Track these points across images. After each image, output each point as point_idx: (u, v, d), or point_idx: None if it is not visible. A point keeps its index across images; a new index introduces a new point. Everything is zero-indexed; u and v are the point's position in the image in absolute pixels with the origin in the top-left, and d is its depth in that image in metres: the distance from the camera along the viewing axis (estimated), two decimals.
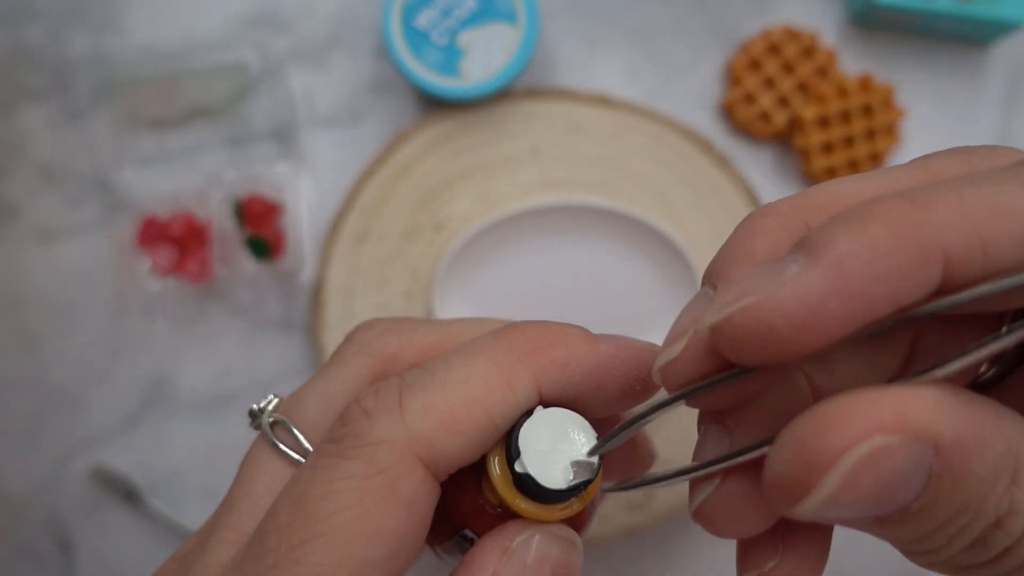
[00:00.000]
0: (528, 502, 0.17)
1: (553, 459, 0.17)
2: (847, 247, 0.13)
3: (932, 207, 0.13)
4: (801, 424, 0.13)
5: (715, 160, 0.51)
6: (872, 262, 0.13)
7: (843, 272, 0.13)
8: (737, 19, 0.54)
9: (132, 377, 0.55)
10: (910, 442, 0.13)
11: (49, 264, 0.55)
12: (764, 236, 0.16)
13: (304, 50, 0.55)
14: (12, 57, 0.55)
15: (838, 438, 0.13)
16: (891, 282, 0.13)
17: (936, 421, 0.13)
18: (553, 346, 0.18)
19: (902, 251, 0.13)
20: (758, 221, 0.16)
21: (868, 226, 0.13)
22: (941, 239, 0.13)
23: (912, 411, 0.13)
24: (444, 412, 0.17)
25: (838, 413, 0.13)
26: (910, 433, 0.13)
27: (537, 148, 0.52)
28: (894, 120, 0.51)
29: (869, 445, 0.13)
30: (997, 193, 0.13)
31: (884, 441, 0.13)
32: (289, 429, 0.19)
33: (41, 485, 0.55)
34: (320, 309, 0.52)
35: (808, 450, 0.13)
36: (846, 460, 0.13)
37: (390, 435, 0.16)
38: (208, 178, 0.54)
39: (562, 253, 0.52)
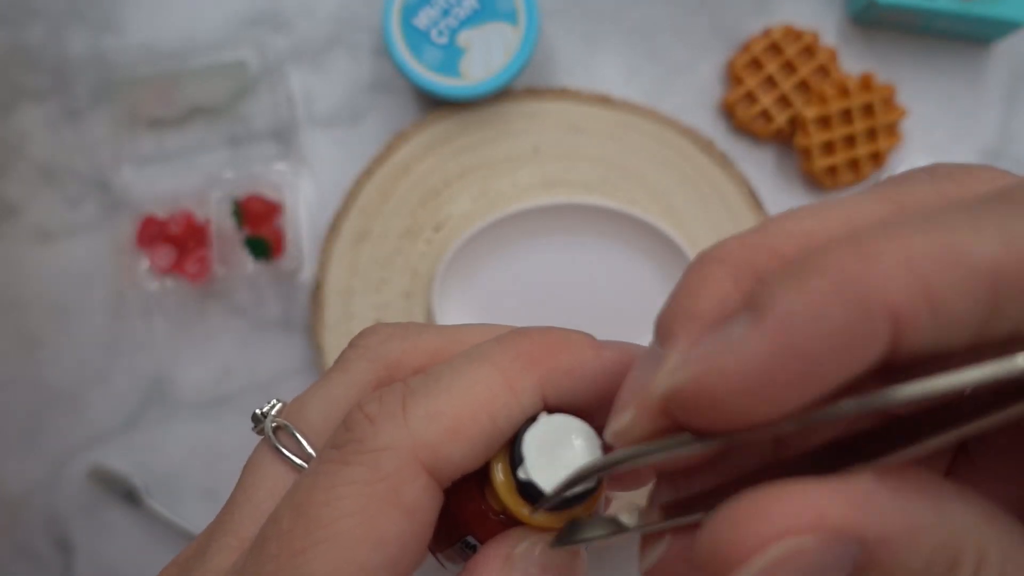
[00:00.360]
0: (532, 509, 0.17)
1: (557, 466, 0.17)
2: (788, 305, 0.12)
3: (877, 256, 0.12)
4: (722, 515, 0.13)
5: (716, 159, 0.51)
6: (813, 321, 0.12)
7: (785, 333, 0.12)
8: (738, 18, 0.54)
9: (131, 377, 0.55)
10: (827, 541, 0.13)
11: (48, 264, 0.55)
12: (710, 289, 0.15)
13: (304, 50, 0.55)
14: (11, 57, 0.55)
15: (753, 535, 0.13)
16: (836, 343, 0.12)
17: (860, 518, 0.13)
18: (558, 353, 0.18)
19: (843, 307, 0.12)
20: (706, 271, 0.15)
21: (810, 280, 0.12)
22: (884, 293, 0.12)
23: (834, 508, 0.13)
24: (448, 418, 0.16)
25: (757, 508, 0.13)
26: (828, 532, 0.13)
27: (537, 148, 0.52)
28: (896, 119, 0.51)
29: (781, 547, 0.12)
30: (949, 237, 0.12)
31: (798, 543, 0.12)
32: (292, 434, 0.19)
33: (40, 485, 0.55)
34: (319, 309, 0.52)
35: (725, 544, 0.13)
36: (758, 560, 0.13)
37: (394, 441, 0.16)
38: (207, 178, 0.54)
39: (562, 253, 0.52)
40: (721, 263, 0.15)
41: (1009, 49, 0.54)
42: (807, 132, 0.51)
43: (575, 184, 0.52)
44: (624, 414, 0.15)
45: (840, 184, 0.52)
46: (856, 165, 0.52)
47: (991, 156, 0.54)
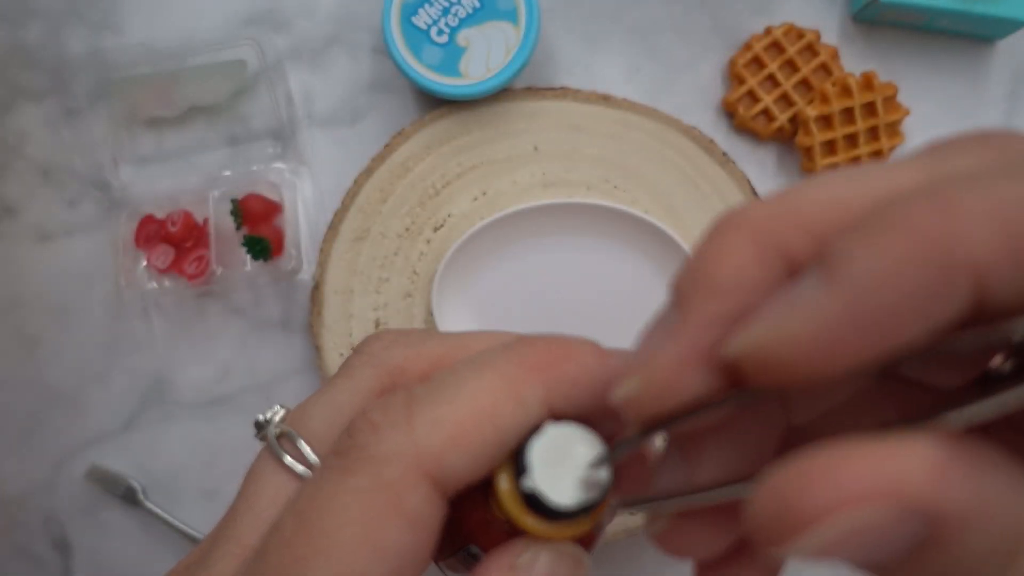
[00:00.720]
0: (536, 519, 0.17)
1: (562, 476, 0.17)
2: (864, 264, 0.12)
3: (958, 209, 0.11)
4: (784, 476, 0.12)
5: (717, 159, 0.51)
6: (892, 281, 0.11)
7: (862, 295, 0.12)
8: (738, 17, 0.54)
9: (130, 377, 0.55)
10: (903, 513, 0.12)
11: (47, 264, 0.55)
12: (730, 258, 0.14)
13: (303, 49, 0.55)
14: (10, 56, 0.55)
15: (822, 499, 0.12)
16: (916, 303, 0.11)
17: (937, 491, 0.12)
18: (563, 361, 0.17)
19: (924, 266, 0.11)
20: (726, 237, 0.14)
21: (885, 236, 0.12)
22: (968, 249, 0.11)
23: (909, 476, 0.12)
24: (453, 427, 0.16)
25: (825, 468, 0.12)
26: (904, 504, 0.11)
27: (537, 147, 0.52)
28: (898, 118, 0.51)
29: (854, 517, 0.12)
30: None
31: (873, 514, 0.12)
32: (295, 442, 0.19)
33: (38, 486, 0.55)
34: (319, 309, 0.52)
35: (789, 507, 0.12)
36: (825, 529, 0.12)
37: (397, 449, 0.16)
38: (206, 177, 0.54)
39: (562, 253, 0.51)
40: (741, 230, 0.14)
41: (1012, 48, 0.53)
42: (809, 131, 0.51)
43: (575, 184, 0.52)
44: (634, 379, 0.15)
45: None
46: (858, 164, 0.52)
47: None
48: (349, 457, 0.16)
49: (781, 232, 0.14)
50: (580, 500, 0.17)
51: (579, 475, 0.17)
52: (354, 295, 0.52)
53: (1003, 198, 0.11)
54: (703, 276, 0.14)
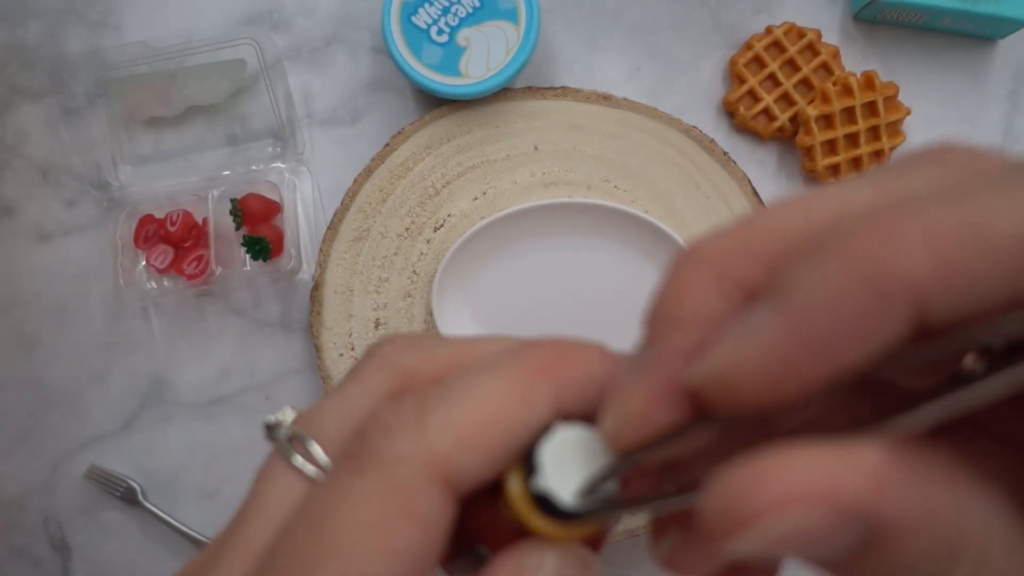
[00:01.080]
0: (545, 520, 0.17)
1: (571, 477, 0.17)
2: (806, 290, 0.12)
3: (894, 234, 0.12)
4: (733, 476, 0.13)
5: (717, 158, 0.51)
6: (832, 306, 0.12)
7: (805, 320, 0.12)
8: (739, 16, 0.53)
9: (129, 377, 0.54)
10: (840, 516, 0.12)
11: (45, 264, 0.55)
12: (691, 296, 0.15)
13: (302, 48, 0.54)
14: (9, 55, 0.55)
15: (766, 498, 0.12)
16: (856, 325, 0.12)
17: (875, 497, 0.12)
18: (571, 363, 0.18)
19: (862, 291, 0.12)
20: (687, 274, 0.15)
21: (826, 264, 0.12)
22: (904, 273, 0.12)
23: (847, 481, 0.12)
24: (464, 429, 0.16)
25: (771, 470, 0.12)
26: (841, 507, 0.12)
27: (537, 147, 0.52)
28: (899, 118, 0.51)
29: (791, 518, 0.12)
30: (970, 211, 0.12)
31: (810, 516, 0.12)
32: (306, 444, 0.19)
33: (38, 486, 0.55)
34: (318, 309, 0.52)
35: (735, 505, 0.13)
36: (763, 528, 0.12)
37: (409, 452, 0.16)
38: (206, 177, 0.54)
39: (562, 252, 0.51)
40: (699, 264, 0.15)
41: (1013, 47, 0.53)
42: (809, 130, 0.51)
43: (575, 183, 0.52)
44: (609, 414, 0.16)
45: None
46: (859, 164, 0.52)
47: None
48: (360, 459, 0.16)
49: (737, 264, 0.14)
50: (589, 503, 0.17)
51: (588, 476, 0.17)
52: (354, 295, 0.52)
53: (937, 221, 0.12)
54: (665, 312, 0.15)
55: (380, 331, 0.52)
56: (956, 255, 0.12)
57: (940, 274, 0.12)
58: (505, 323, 0.51)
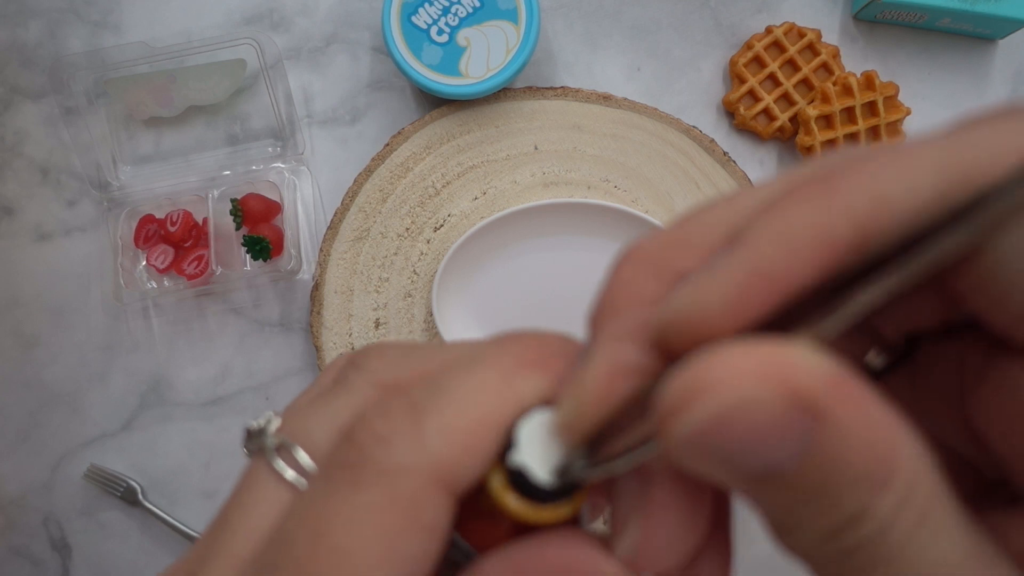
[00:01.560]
0: (519, 502, 0.17)
1: (547, 458, 0.17)
2: (761, 234, 0.14)
3: (839, 185, 0.14)
4: (684, 364, 0.14)
5: (717, 158, 0.51)
6: (789, 238, 0.14)
7: (761, 253, 0.14)
8: (739, 16, 0.53)
9: (129, 377, 0.54)
10: (786, 400, 0.13)
11: (45, 264, 0.55)
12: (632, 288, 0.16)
13: (302, 48, 0.54)
14: (9, 55, 0.55)
15: (719, 372, 0.13)
16: (807, 255, 0.14)
17: (825, 392, 0.13)
18: (556, 354, 0.18)
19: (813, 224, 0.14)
20: (626, 272, 0.17)
21: (781, 212, 0.14)
22: (850, 211, 0.14)
23: (801, 372, 0.13)
24: (463, 433, 0.16)
25: (724, 353, 0.13)
26: (791, 395, 0.13)
27: (537, 146, 0.52)
28: (899, 118, 0.51)
29: (737, 393, 0.13)
30: (904, 158, 0.14)
31: (758, 392, 0.13)
32: (294, 454, 0.19)
33: (37, 486, 0.55)
34: (319, 309, 0.52)
35: (681, 387, 0.13)
36: (709, 401, 0.13)
37: (410, 461, 0.16)
38: (206, 177, 0.54)
39: (563, 252, 0.51)
40: (637, 261, 0.16)
41: (1013, 46, 0.53)
42: (810, 130, 0.51)
43: (576, 183, 0.52)
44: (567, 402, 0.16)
45: None
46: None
47: None
48: (358, 470, 0.16)
49: (674, 256, 0.16)
50: (564, 477, 0.17)
51: (564, 456, 0.17)
52: (354, 295, 0.52)
53: (876, 173, 0.14)
54: (606, 302, 0.17)
55: (380, 331, 0.52)
56: (888, 189, 0.14)
57: (878, 206, 0.14)
58: (505, 323, 0.51)
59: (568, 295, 0.51)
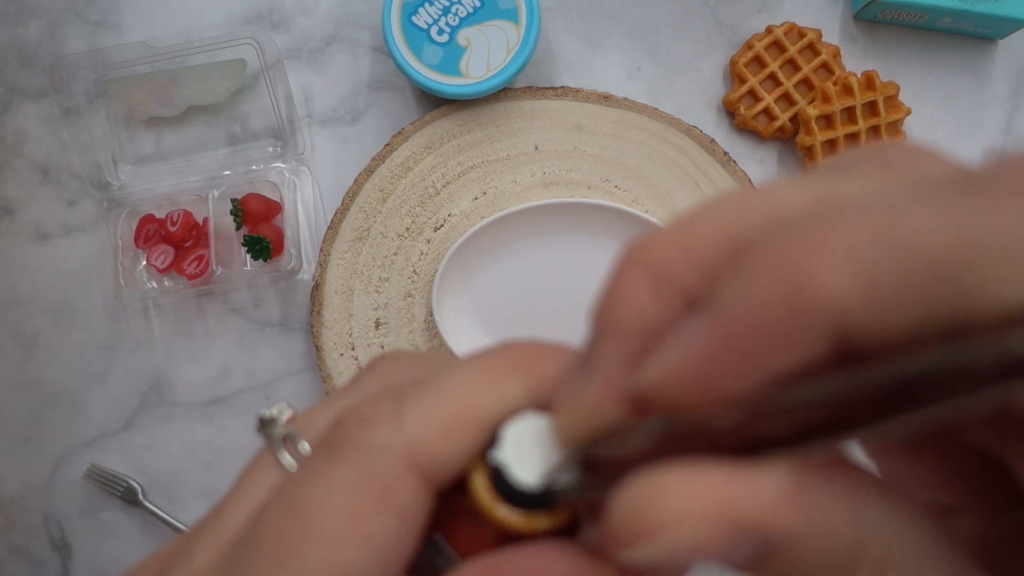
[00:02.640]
0: (506, 508, 0.17)
1: (533, 462, 0.17)
2: (730, 302, 0.13)
3: (816, 246, 0.12)
4: (633, 489, 0.14)
5: (718, 158, 0.51)
6: (755, 319, 0.12)
7: (728, 330, 0.13)
8: (740, 16, 0.53)
9: (129, 377, 0.54)
10: (731, 532, 0.13)
11: (45, 263, 0.55)
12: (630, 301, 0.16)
13: (303, 48, 0.54)
14: (9, 55, 0.55)
15: (660, 515, 0.13)
16: (775, 337, 0.12)
17: (768, 514, 0.13)
18: (543, 360, 0.18)
19: (783, 305, 0.12)
20: (627, 278, 0.16)
21: (749, 275, 0.13)
22: (824, 288, 0.12)
23: (743, 502, 0.13)
24: (440, 420, 0.17)
25: (669, 487, 0.13)
26: (734, 524, 0.13)
27: (538, 146, 0.52)
28: (900, 118, 0.51)
29: (683, 532, 0.13)
30: (893, 221, 0.11)
31: (701, 530, 0.13)
32: (298, 444, 0.19)
33: (38, 486, 0.55)
34: (319, 309, 0.52)
35: (633, 517, 0.14)
36: (658, 542, 0.13)
37: (387, 441, 0.16)
38: (206, 177, 0.54)
39: (563, 252, 0.51)
40: (640, 269, 0.16)
41: (1013, 46, 0.53)
42: (810, 130, 0.51)
43: (576, 183, 0.52)
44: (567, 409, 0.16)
45: None
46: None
47: (995, 154, 0.53)
48: (337, 448, 0.17)
49: (675, 270, 0.15)
50: (547, 483, 0.17)
51: (551, 461, 0.17)
52: (354, 295, 0.52)
53: (864, 235, 0.11)
54: (609, 316, 0.16)
55: (380, 331, 0.52)
56: (877, 271, 0.11)
57: (863, 294, 0.11)
58: (505, 322, 0.51)
59: (568, 295, 0.51)
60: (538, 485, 0.17)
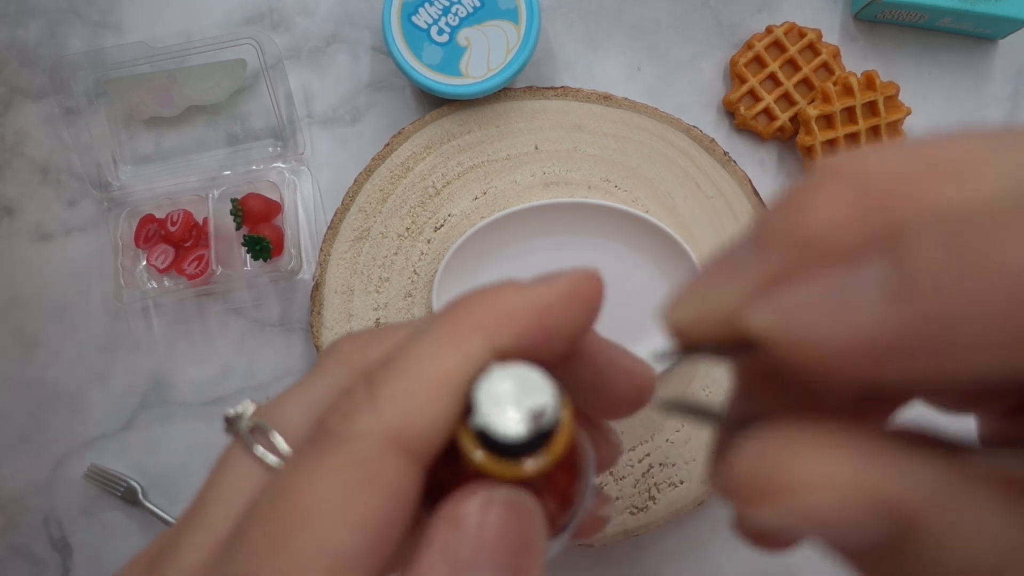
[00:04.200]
0: (496, 461, 0.17)
1: (512, 411, 0.17)
2: (945, 286, 0.10)
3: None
4: (763, 445, 0.13)
5: (718, 158, 0.51)
6: (976, 315, 0.10)
7: (938, 319, 0.10)
8: (739, 16, 0.53)
9: (129, 377, 0.54)
10: (874, 512, 0.12)
11: (45, 263, 0.55)
12: (825, 213, 0.13)
13: (303, 48, 0.54)
14: (9, 55, 0.55)
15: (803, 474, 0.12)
16: (997, 338, 0.10)
17: (926, 503, 0.12)
18: (494, 309, 0.18)
19: (1015, 307, 0.10)
20: (827, 187, 0.13)
21: (973, 261, 0.10)
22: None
23: (897, 484, 0.12)
24: (412, 395, 0.17)
25: (804, 450, 0.12)
26: (880, 506, 0.12)
27: (538, 146, 0.52)
28: (900, 118, 0.51)
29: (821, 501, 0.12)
30: None
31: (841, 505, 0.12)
32: (268, 433, 0.19)
33: (38, 486, 0.55)
34: (319, 309, 0.52)
35: (760, 476, 0.13)
36: (795, 503, 0.12)
37: (366, 427, 0.17)
38: (206, 177, 0.54)
39: (563, 252, 0.51)
40: (846, 182, 0.13)
41: (1014, 46, 0.53)
42: (810, 130, 0.51)
43: (576, 183, 0.52)
44: (688, 307, 0.15)
45: None
46: None
47: None
48: (321, 441, 0.17)
49: (892, 197, 0.12)
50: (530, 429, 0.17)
51: (528, 406, 0.17)
52: (354, 295, 0.52)
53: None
54: (792, 223, 0.13)
55: None
56: None
57: None
58: None
59: None
60: (524, 433, 0.17)
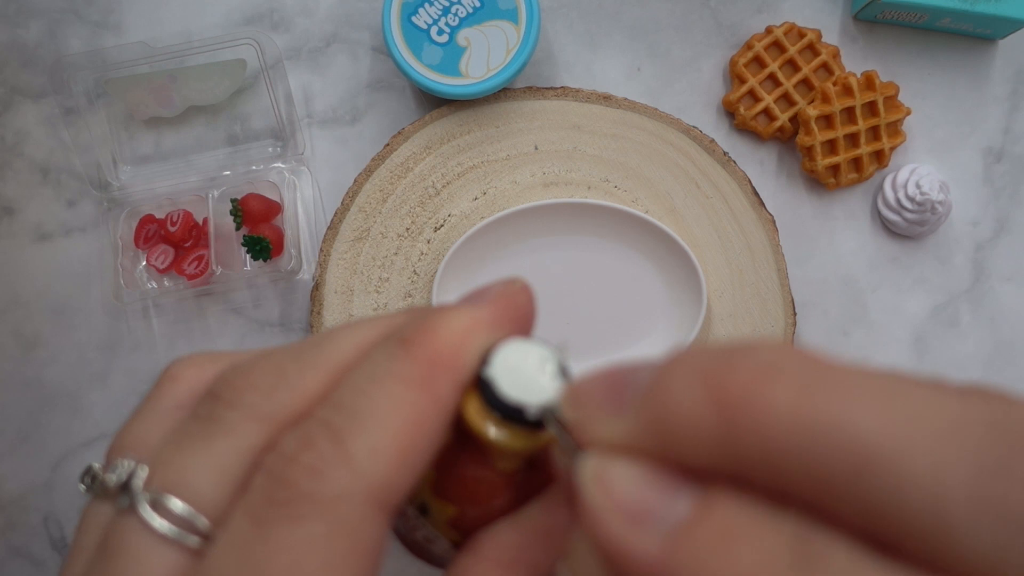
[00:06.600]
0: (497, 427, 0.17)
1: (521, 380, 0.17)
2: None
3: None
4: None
5: (717, 158, 0.51)
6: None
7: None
8: (739, 16, 0.53)
9: (129, 377, 0.54)
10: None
11: (45, 263, 0.55)
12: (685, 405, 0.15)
13: (303, 48, 0.54)
14: (9, 55, 0.55)
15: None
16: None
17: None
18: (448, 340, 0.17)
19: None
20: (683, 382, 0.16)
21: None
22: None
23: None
24: (393, 451, 0.16)
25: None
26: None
27: (537, 146, 0.52)
28: (899, 118, 0.51)
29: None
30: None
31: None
32: (173, 510, 0.17)
33: (37, 486, 0.55)
34: (319, 309, 0.52)
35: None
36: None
37: (346, 488, 0.16)
38: (206, 177, 0.54)
39: (563, 252, 0.51)
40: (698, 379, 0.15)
41: (1013, 47, 0.53)
42: (810, 130, 0.51)
43: (576, 183, 0.52)
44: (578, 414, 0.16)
45: (843, 183, 0.52)
46: (859, 164, 0.52)
47: (994, 154, 0.53)
48: (293, 505, 0.16)
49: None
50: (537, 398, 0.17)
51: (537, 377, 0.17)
52: (354, 295, 0.52)
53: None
54: (660, 407, 0.16)
55: None
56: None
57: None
58: None
59: (568, 295, 0.51)
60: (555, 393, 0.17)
